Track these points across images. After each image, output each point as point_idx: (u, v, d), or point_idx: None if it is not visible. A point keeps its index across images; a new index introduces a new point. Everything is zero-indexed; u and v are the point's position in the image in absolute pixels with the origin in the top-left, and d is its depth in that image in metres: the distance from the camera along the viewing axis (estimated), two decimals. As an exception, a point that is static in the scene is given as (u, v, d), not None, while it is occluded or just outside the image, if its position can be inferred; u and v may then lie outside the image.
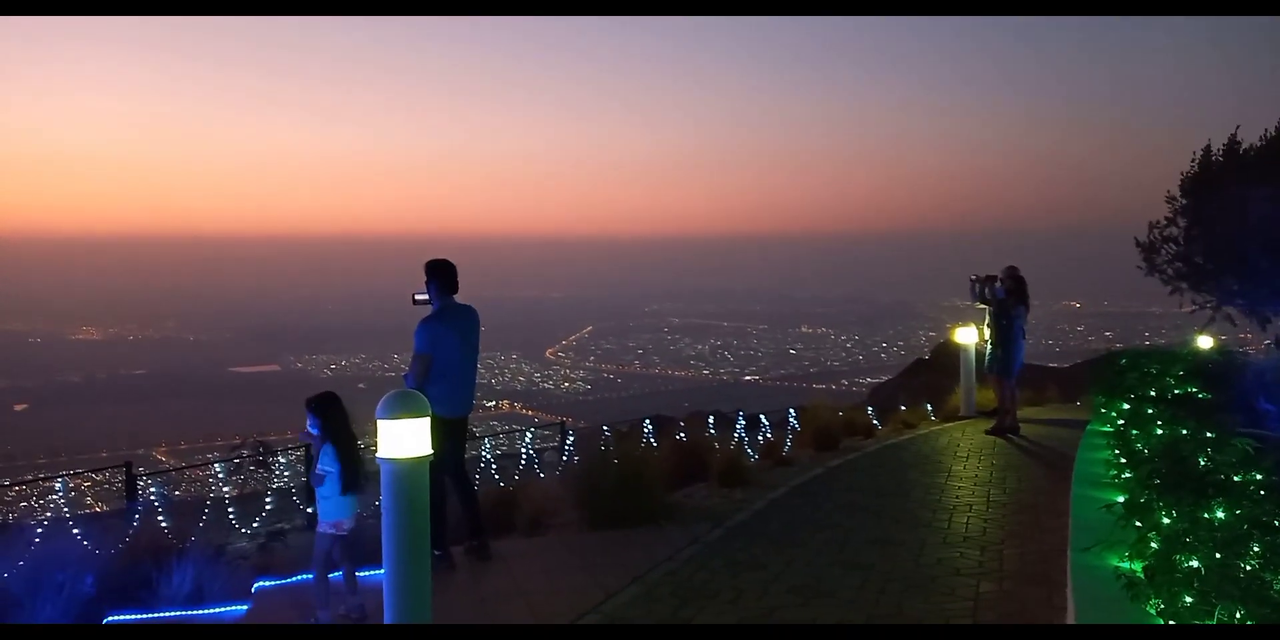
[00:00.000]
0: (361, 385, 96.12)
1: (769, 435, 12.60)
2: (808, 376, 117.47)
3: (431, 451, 4.23)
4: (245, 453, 12.54)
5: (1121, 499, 4.60)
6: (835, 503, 8.17)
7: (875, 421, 13.40)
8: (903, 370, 30.51)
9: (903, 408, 14.56)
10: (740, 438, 12.36)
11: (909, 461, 10.24)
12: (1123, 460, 5.98)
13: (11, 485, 14.80)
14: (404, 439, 4.11)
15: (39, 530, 8.66)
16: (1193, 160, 16.00)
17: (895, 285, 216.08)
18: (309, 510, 10.96)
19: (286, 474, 11.94)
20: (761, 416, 13.78)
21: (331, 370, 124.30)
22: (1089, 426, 9.46)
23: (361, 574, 5.63)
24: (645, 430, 12.35)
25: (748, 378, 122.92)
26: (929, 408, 14.46)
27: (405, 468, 4.10)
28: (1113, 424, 8.00)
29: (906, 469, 9.76)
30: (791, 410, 13.07)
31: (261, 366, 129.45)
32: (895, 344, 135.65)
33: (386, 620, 4.13)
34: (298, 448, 12.79)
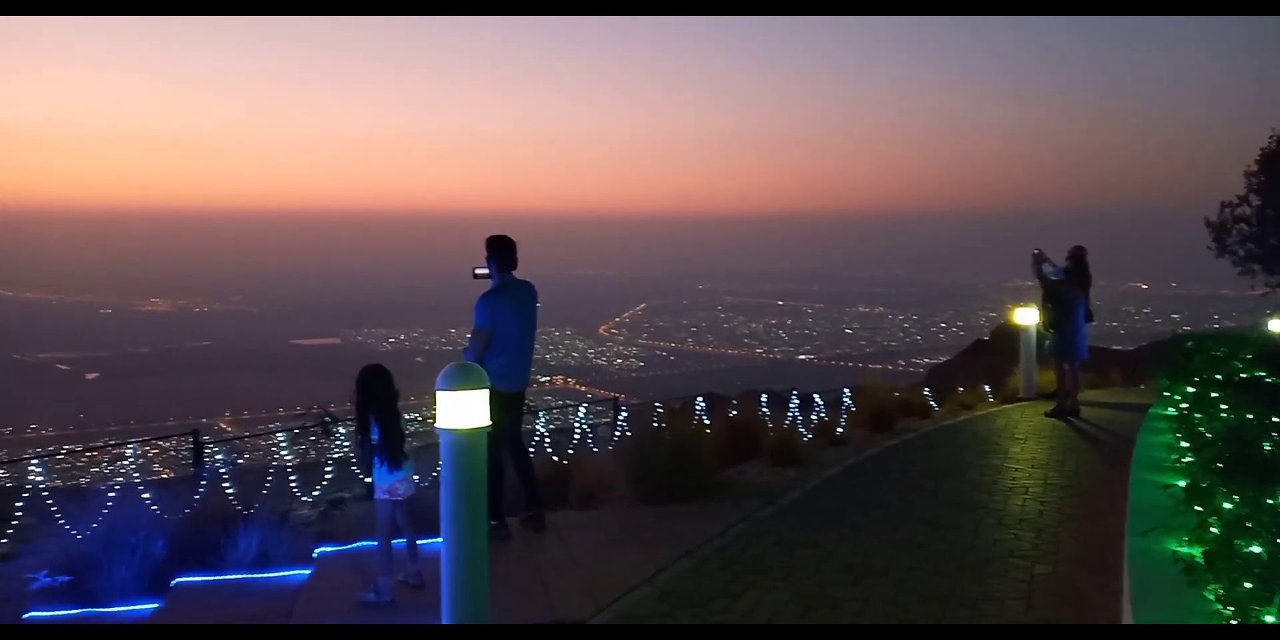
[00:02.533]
0: (419, 359, 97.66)
1: (823, 415, 12.56)
2: (863, 356, 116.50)
3: (490, 423, 4.31)
4: (308, 422, 12.87)
5: (1182, 483, 4.52)
6: (890, 483, 8.14)
7: (932, 402, 13.27)
8: (961, 351, 30.11)
9: (960, 389, 14.38)
10: (794, 417, 12.34)
11: (965, 443, 10.14)
12: (1185, 444, 5.86)
13: (84, 451, 15.42)
14: (463, 410, 4.20)
15: (111, 495, 9.03)
16: (1271, 136, 15.44)
17: (956, 266, 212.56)
18: (367, 480, 11.26)
19: (347, 444, 12.20)
20: (816, 396, 13.72)
21: (390, 344, 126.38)
22: (1151, 410, 9.26)
23: (423, 542, 5.76)
24: (697, 408, 12.39)
25: (802, 357, 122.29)
26: (987, 389, 14.28)
27: (464, 438, 4.19)
28: (1176, 408, 7.83)
29: (963, 450, 9.67)
30: (846, 390, 12.99)
31: (322, 339, 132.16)
32: (954, 325, 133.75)
33: (444, 587, 4.25)
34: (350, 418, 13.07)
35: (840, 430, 11.03)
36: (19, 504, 9.56)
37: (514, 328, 6.50)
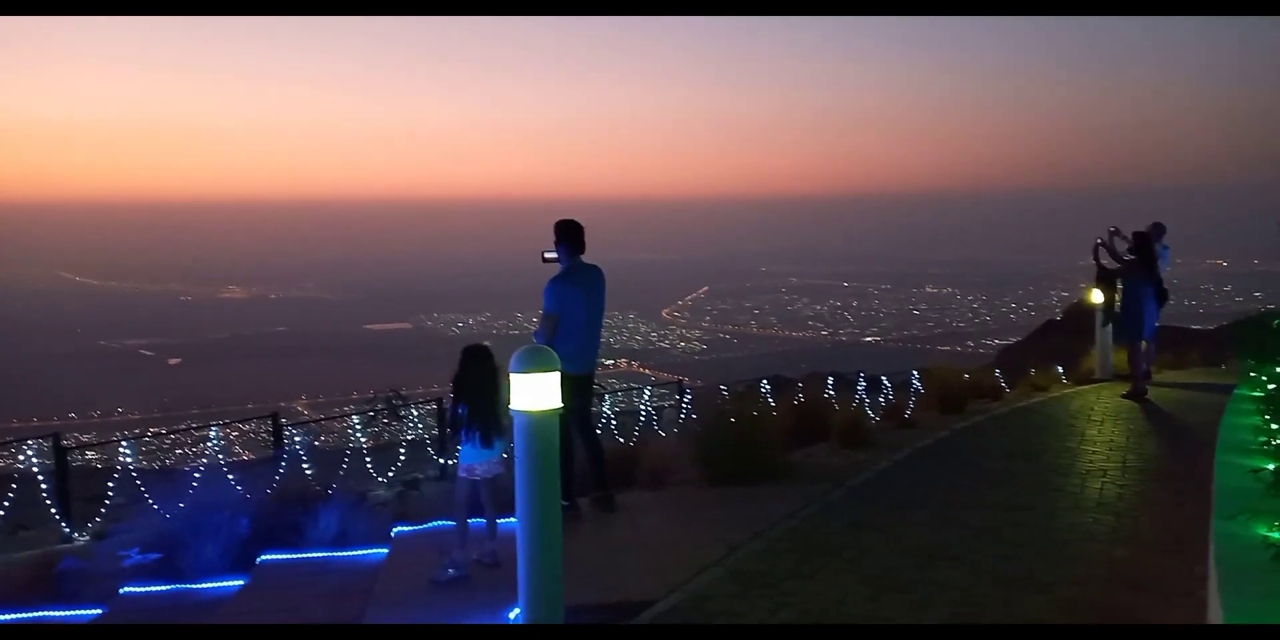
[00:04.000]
0: (486, 342, 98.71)
1: (891, 397, 12.43)
2: (932, 338, 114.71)
3: (561, 405, 4.37)
4: (380, 405, 13.16)
5: (1271, 466, 4.39)
6: (961, 465, 8.04)
7: (1003, 384, 13.04)
8: (1033, 332, 29.47)
9: (1032, 370, 14.10)
10: (861, 399, 12.23)
11: (1039, 425, 9.95)
12: (1274, 426, 5.67)
13: (169, 434, 15.95)
14: (536, 392, 4.26)
15: (196, 476, 9.37)
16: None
17: (1023, 245, 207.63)
18: (441, 461, 11.49)
19: (419, 426, 12.48)
20: (883, 378, 13.59)
21: (459, 328, 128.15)
22: (1236, 391, 8.97)
23: (502, 522, 5.84)
24: (763, 390, 12.36)
25: (869, 339, 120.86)
26: (1060, 370, 13.97)
27: (537, 420, 4.25)
28: (1262, 388, 7.57)
29: (1036, 432, 9.50)
30: (915, 372, 12.83)
31: (394, 324, 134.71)
32: (1025, 305, 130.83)
33: (519, 566, 4.32)
34: (428, 400, 13.34)
35: (909, 412, 10.91)
36: (110, 484, 9.99)
37: (582, 312, 6.55)
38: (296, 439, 11.10)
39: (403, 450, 11.33)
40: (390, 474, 10.78)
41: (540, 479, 4.24)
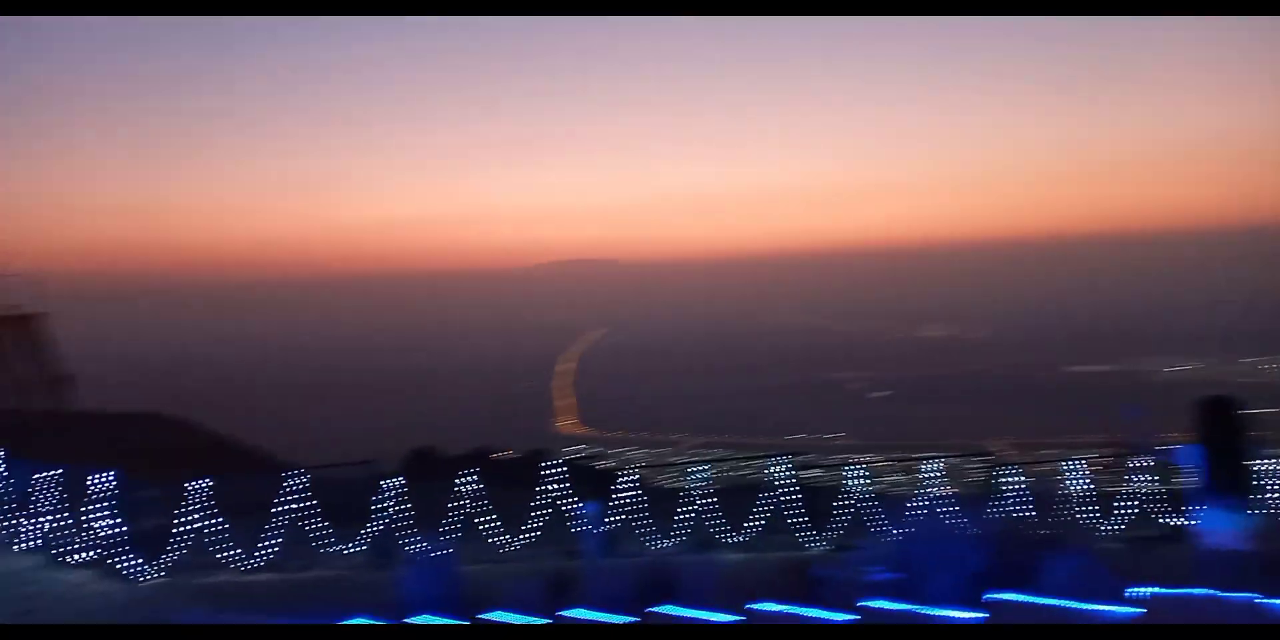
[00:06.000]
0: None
1: None
2: None
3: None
4: (1102, 452, 12.28)
5: None
6: None
7: None
8: None
9: None
10: None
11: None
12: None
13: (885, 461, 16.94)
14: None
15: (919, 505, 9.77)
16: None
17: None
18: (1179, 520, 10.23)
19: (1146, 477, 11.37)
20: None
21: (1168, 373, 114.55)
22: None
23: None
24: None
25: None
26: None
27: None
28: None
29: None
30: None
31: (1096, 366, 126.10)
32: None
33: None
34: (1153, 451, 12.05)
35: None
36: (835, 502, 10.97)
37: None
38: (1008, 479, 10.92)
39: (1125, 502, 10.38)
40: (1119, 526, 9.96)
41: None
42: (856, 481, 11.02)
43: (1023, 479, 10.91)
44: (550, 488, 10.61)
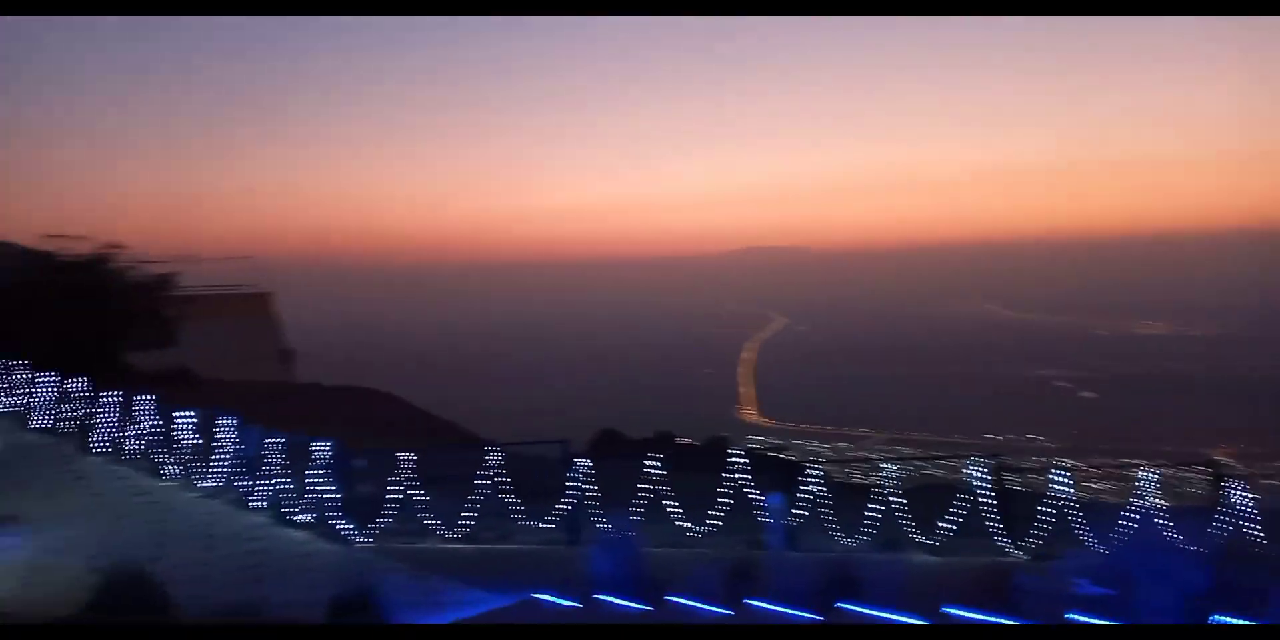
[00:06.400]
0: None
1: None
2: None
3: None
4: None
5: None
6: None
7: None
8: None
9: None
10: None
11: None
12: None
13: (1089, 467, 15.90)
14: None
15: (1133, 516, 9.07)
16: None
17: None
18: None
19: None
20: None
21: None
22: None
23: None
24: None
25: None
26: None
27: None
28: None
29: None
30: None
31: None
32: None
33: None
34: None
35: None
36: (1039, 507, 10.35)
37: None
38: (1232, 492, 9.99)
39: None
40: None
41: None
42: (1061, 487, 10.39)
43: (1250, 493, 9.98)
44: (734, 476, 10.59)
